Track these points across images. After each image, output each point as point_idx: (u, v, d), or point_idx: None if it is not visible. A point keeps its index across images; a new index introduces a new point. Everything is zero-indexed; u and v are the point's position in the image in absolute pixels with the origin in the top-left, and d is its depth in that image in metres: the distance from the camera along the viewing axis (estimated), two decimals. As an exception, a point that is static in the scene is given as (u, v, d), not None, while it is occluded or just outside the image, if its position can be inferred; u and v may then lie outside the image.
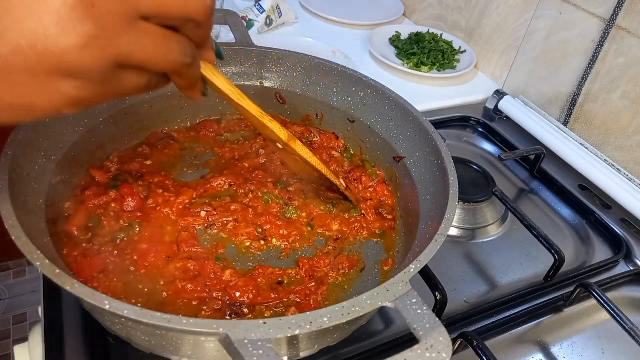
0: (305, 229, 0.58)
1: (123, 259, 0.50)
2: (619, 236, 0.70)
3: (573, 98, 0.87)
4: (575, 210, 0.75)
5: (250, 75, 0.69)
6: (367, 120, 0.65)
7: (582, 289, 0.58)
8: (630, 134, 0.78)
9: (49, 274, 0.35)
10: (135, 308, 0.33)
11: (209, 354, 0.42)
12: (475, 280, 0.62)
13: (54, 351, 0.47)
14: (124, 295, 0.47)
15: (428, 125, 0.57)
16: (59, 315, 0.50)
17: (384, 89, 0.63)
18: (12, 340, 1.58)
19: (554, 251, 0.61)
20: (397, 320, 0.55)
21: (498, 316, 0.57)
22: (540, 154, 0.80)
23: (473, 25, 1.08)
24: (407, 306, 0.36)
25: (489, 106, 0.95)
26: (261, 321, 0.33)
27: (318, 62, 0.67)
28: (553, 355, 0.56)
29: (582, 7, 0.82)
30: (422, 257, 0.40)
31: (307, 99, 0.69)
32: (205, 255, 0.53)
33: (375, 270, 0.55)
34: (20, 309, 1.66)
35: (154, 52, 0.31)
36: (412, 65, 1.02)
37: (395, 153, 0.62)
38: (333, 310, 0.35)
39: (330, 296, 0.52)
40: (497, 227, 0.70)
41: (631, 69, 0.76)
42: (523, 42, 0.95)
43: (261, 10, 1.08)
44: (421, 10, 1.22)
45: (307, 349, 0.44)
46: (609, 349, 0.57)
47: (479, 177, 0.73)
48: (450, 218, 0.45)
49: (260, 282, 0.51)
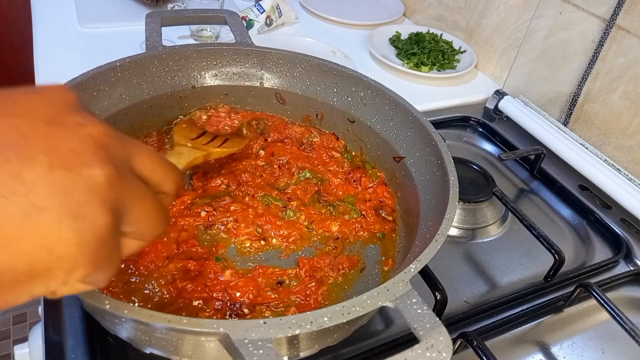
0: (305, 229, 0.58)
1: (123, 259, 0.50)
2: (619, 236, 0.70)
3: (573, 98, 0.87)
4: (575, 210, 0.75)
5: (250, 75, 0.69)
6: (367, 120, 0.65)
7: (582, 289, 0.58)
8: (630, 134, 0.78)
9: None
10: (135, 308, 0.33)
11: (209, 354, 0.42)
12: (475, 280, 0.62)
13: (54, 351, 0.47)
14: (124, 295, 0.47)
15: (428, 125, 0.57)
16: (59, 315, 0.50)
17: (384, 89, 0.63)
18: (12, 340, 1.58)
19: (554, 251, 0.61)
20: (397, 320, 0.55)
21: (498, 316, 0.57)
22: (540, 154, 0.80)
23: (473, 25, 1.08)
24: (407, 306, 0.36)
25: (489, 106, 0.95)
26: (261, 321, 0.33)
27: (318, 62, 0.67)
28: (553, 355, 0.56)
29: (582, 7, 0.82)
30: (422, 257, 0.40)
31: (307, 99, 0.69)
32: (205, 255, 0.53)
33: (375, 270, 0.55)
34: (20, 309, 1.66)
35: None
36: (412, 65, 1.02)
37: (395, 153, 0.62)
38: (333, 310, 0.35)
39: (330, 296, 0.52)
40: (497, 227, 0.70)
41: (631, 69, 0.76)
42: (523, 42, 0.95)
43: (261, 10, 1.08)
44: (421, 10, 1.22)
45: (307, 348, 0.44)
46: (609, 349, 0.57)
47: (479, 177, 0.73)
48: (450, 218, 0.45)
49: (260, 282, 0.51)
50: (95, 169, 0.24)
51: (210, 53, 0.67)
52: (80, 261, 0.24)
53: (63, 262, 0.23)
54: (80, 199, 0.23)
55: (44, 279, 0.24)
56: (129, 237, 0.29)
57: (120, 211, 0.26)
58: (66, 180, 0.23)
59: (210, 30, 1.04)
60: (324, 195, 0.62)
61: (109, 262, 0.26)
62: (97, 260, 0.25)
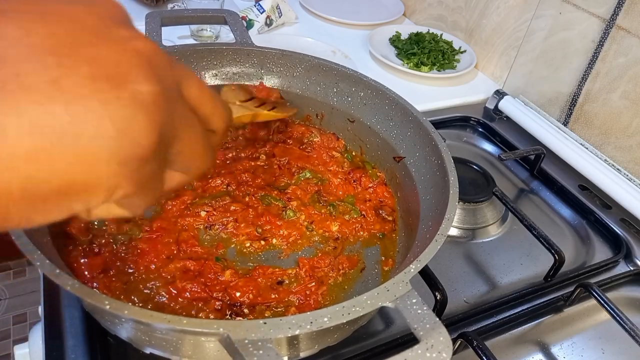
0: (305, 229, 0.58)
1: (123, 259, 0.50)
2: (619, 236, 0.70)
3: (573, 98, 0.87)
4: (575, 210, 0.75)
5: (250, 75, 0.69)
6: (367, 120, 0.65)
7: (582, 289, 0.58)
8: (630, 134, 0.78)
9: (49, 274, 0.35)
10: (135, 308, 0.33)
11: (209, 354, 0.42)
12: (475, 280, 0.62)
13: (54, 351, 0.47)
14: (124, 295, 0.47)
15: (428, 125, 0.57)
16: (59, 315, 0.50)
17: (384, 89, 0.63)
18: (12, 340, 1.58)
19: (554, 251, 0.61)
20: (397, 320, 0.55)
21: (498, 316, 0.57)
22: (540, 154, 0.80)
23: (473, 25, 1.08)
24: (407, 306, 0.36)
25: (489, 106, 0.95)
26: (261, 321, 0.33)
27: (318, 62, 0.67)
28: (553, 355, 0.56)
29: (582, 7, 0.82)
30: (422, 257, 0.40)
31: (307, 99, 0.69)
32: (205, 255, 0.53)
33: (375, 270, 0.55)
34: (20, 309, 1.66)
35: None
36: (412, 65, 1.02)
37: (395, 153, 0.62)
38: (333, 310, 0.35)
39: (330, 296, 0.52)
40: (497, 227, 0.70)
41: (631, 69, 0.76)
42: (523, 42, 0.95)
43: (261, 10, 1.08)
44: (421, 10, 1.22)
45: (307, 349, 0.44)
46: (609, 349, 0.57)
47: (479, 177, 0.73)
48: (450, 218, 0.45)
49: (260, 282, 0.51)
50: (142, 85, 0.22)
51: (210, 53, 0.67)
52: (122, 181, 0.22)
53: (103, 180, 0.21)
54: (124, 115, 0.21)
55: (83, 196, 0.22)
56: (173, 168, 0.27)
57: (166, 136, 0.24)
58: (109, 93, 0.21)
59: (210, 30, 1.04)
60: (324, 195, 0.62)
61: (150, 187, 0.24)
62: (138, 182, 0.23)
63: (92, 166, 0.21)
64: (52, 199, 0.21)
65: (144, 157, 0.22)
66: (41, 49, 0.20)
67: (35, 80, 0.19)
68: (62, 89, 0.19)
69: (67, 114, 0.19)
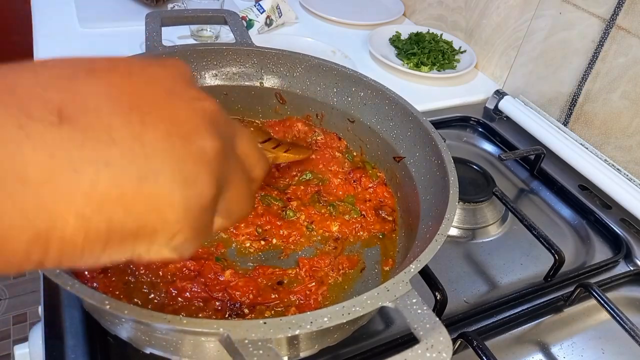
0: (305, 229, 0.58)
1: (123, 259, 0.50)
2: (619, 236, 0.70)
3: (573, 98, 0.87)
4: (575, 210, 0.75)
5: (250, 75, 0.69)
6: (367, 120, 0.65)
7: (582, 289, 0.58)
8: (630, 134, 0.78)
9: (49, 274, 0.35)
10: (135, 308, 0.33)
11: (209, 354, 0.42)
12: (475, 280, 0.62)
13: (54, 351, 0.47)
14: (124, 295, 0.47)
15: (428, 125, 0.57)
16: (59, 315, 0.50)
17: (384, 89, 0.63)
18: (12, 340, 1.58)
19: (554, 251, 0.61)
20: (397, 320, 0.55)
21: (498, 316, 0.57)
22: (540, 154, 0.80)
23: (473, 25, 1.08)
24: (407, 306, 0.36)
25: (489, 106, 0.95)
26: (261, 321, 0.33)
27: (318, 62, 0.67)
28: (553, 355, 0.56)
29: (582, 7, 0.82)
30: (422, 257, 0.40)
31: (307, 99, 0.69)
32: (205, 255, 0.53)
33: (375, 270, 0.55)
34: (20, 309, 1.66)
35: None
36: (412, 65, 1.02)
37: (395, 153, 0.62)
38: (333, 310, 0.35)
39: (330, 296, 0.52)
40: (497, 227, 0.70)
41: (631, 69, 0.76)
42: (523, 42, 0.95)
43: (261, 10, 1.08)
44: (421, 10, 1.22)
45: (307, 349, 0.44)
46: (609, 349, 0.57)
47: (479, 177, 0.73)
48: (450, 218, 0.45)
49: (260, 282, 0.51)
50: (207, 141, 0.25)
51: (210, 53, 0.67)
52: (184, 227, 0.24)
53: (169, 226, 0.24)
54: (192, 168, 0.24)
55: (148, 240, 0.24)
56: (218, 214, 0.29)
57: (221, 186, 0.27)
58: (181, 148, 0.24)
59: (210, 30, 1.04)
60: (324, 195, 0.62)
61: (204, 233, 0.27)
62: (196, 229, 0.25)
63: (163, 212, 0.23)
64: (125, 241, 0.23)
65: (204, 206, 0.25)
66: (127, 106, 0.23)
67: (122, 134, 0.22)
68: (144, 143, 0.23)
69: (147, 165, 0.22)
